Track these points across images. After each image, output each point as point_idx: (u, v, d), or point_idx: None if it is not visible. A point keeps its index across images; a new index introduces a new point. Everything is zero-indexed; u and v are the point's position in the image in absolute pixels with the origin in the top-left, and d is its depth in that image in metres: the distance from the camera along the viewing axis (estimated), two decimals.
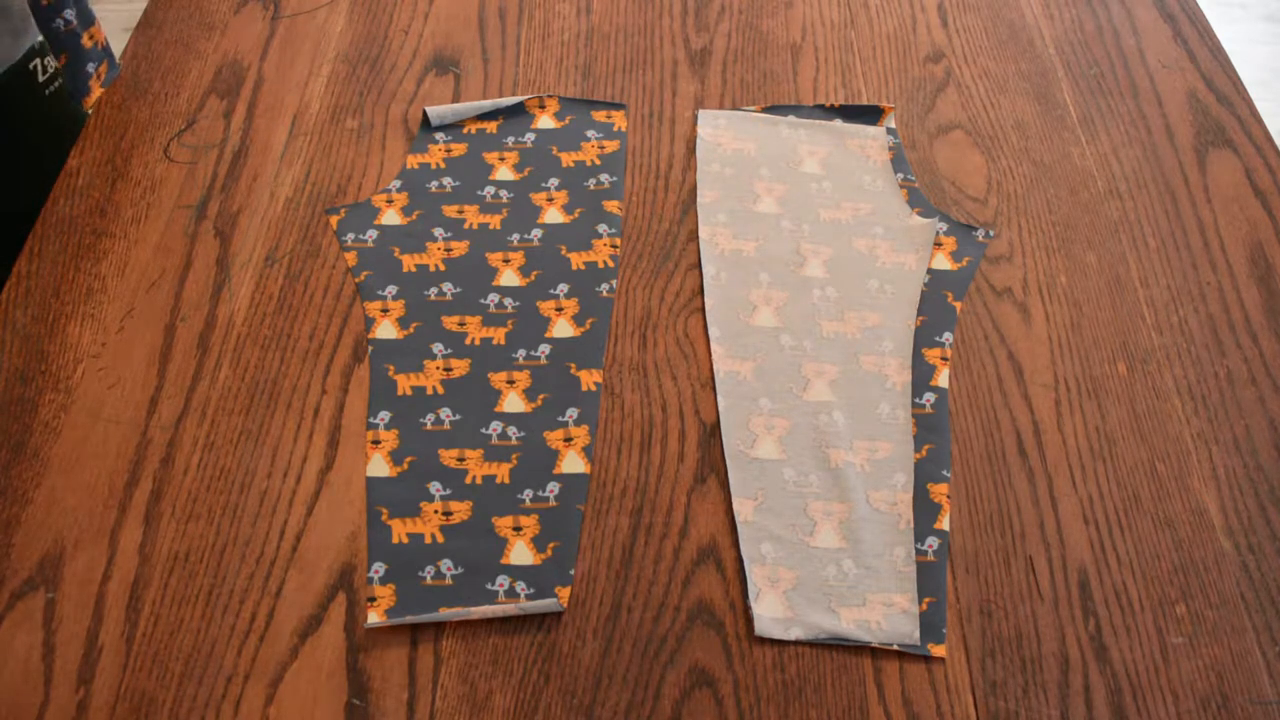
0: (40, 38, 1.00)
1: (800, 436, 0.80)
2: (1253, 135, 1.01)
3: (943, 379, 0.83)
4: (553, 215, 0.93)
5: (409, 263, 0.90)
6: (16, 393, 0.81)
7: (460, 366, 0.84)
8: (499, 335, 0.85)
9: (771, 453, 0.79)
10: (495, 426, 0.80)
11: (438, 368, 0.83)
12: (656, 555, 0.74)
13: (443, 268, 0.89)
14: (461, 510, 0.76)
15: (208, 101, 1.01)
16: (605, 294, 0.88)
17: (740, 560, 0.74)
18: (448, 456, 0.79)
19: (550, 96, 1.02)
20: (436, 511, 0.76)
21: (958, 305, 0.87)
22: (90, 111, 1.01)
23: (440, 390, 0.82)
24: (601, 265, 0.90)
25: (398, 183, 0.95)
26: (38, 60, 1.01)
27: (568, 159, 0.97)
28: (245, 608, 0.71)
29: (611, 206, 0.94)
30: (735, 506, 0.76)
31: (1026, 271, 0.90)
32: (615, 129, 1.00)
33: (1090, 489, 0.78)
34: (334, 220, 0.92)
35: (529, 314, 0.87)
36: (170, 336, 0.85)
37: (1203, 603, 0.73)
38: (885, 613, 0.72)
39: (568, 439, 0.80)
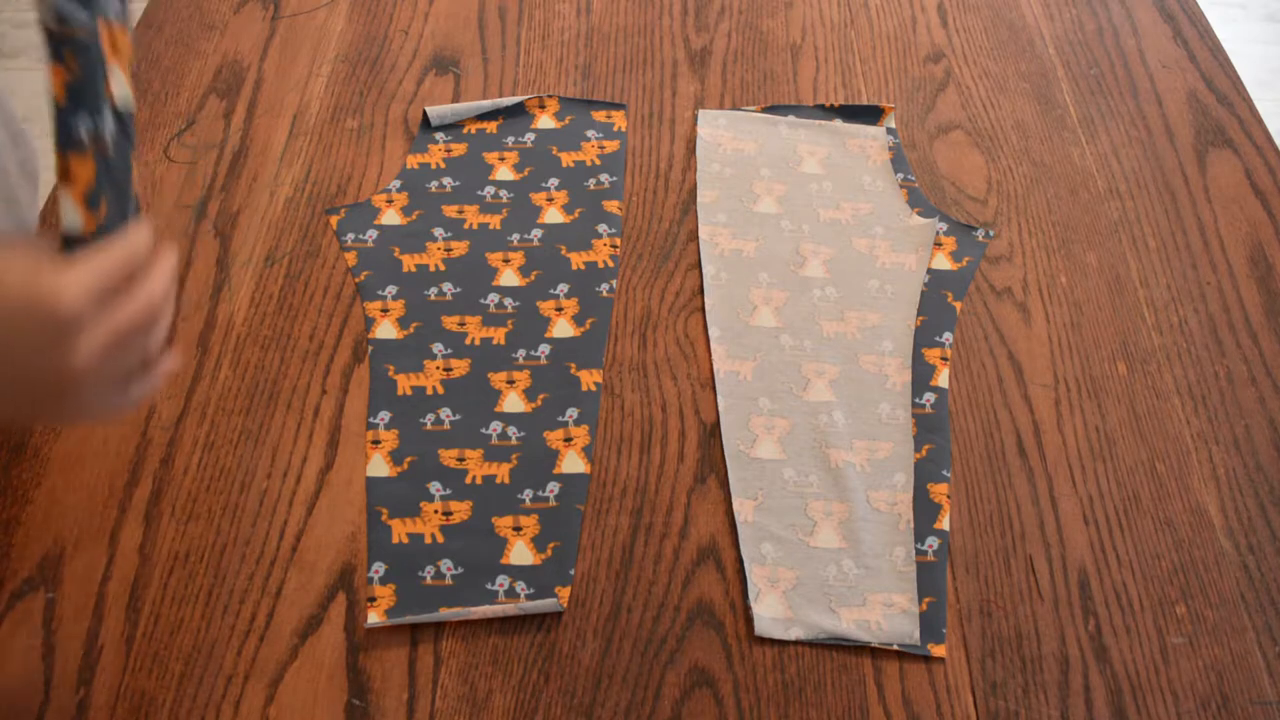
0: None
1: (800, 436, 0.80)
2: (1253, 135, 1.01)
3: (943, 379, 0.83)
4: (553, 215, 0.93)
5: (409, 263, 0.90)
6: None
7: (460, 366, 0.83)
8: (499, 335, 0.85)
9: (771, 453, 0.79)
10: (495, 426, 0.80)
11: (438, 368, 0.83)
12: (656, 555, 0.74)
13: (443, 268, 0.89)
14: (461, 510, 0.76)
15: (208, 101, 1.01)
16: (605, 294, 0.88)
17: (740, 560, 0.74)
18: (448, 456, 0.79)
19: (550, 96, 1.02)
20: (436, 511, 0.76)
21: (958, 305, 0.87)
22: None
23: (440, 390, 0.82)
24: (601, 265, 0.90)
25: (398, 183, 0.95)
26: None
27: (568, 159, 0.97)
28: (245, 608, 0.71)
29: (611, 206, 0.94)
30: (735, 506, 0.76)
31: (1026, 271, 0.90)
32: (615, 129, 1.00)
33: (1090, 489, 0.78)
34: (334, 220, 0.92)
35: (529, 314, 0.87)
36: (170, 336, 0.85)
37: (1203, 603, 0.73)
38: (885, 613, 0.72)
39: (568, 439, 0.79)
